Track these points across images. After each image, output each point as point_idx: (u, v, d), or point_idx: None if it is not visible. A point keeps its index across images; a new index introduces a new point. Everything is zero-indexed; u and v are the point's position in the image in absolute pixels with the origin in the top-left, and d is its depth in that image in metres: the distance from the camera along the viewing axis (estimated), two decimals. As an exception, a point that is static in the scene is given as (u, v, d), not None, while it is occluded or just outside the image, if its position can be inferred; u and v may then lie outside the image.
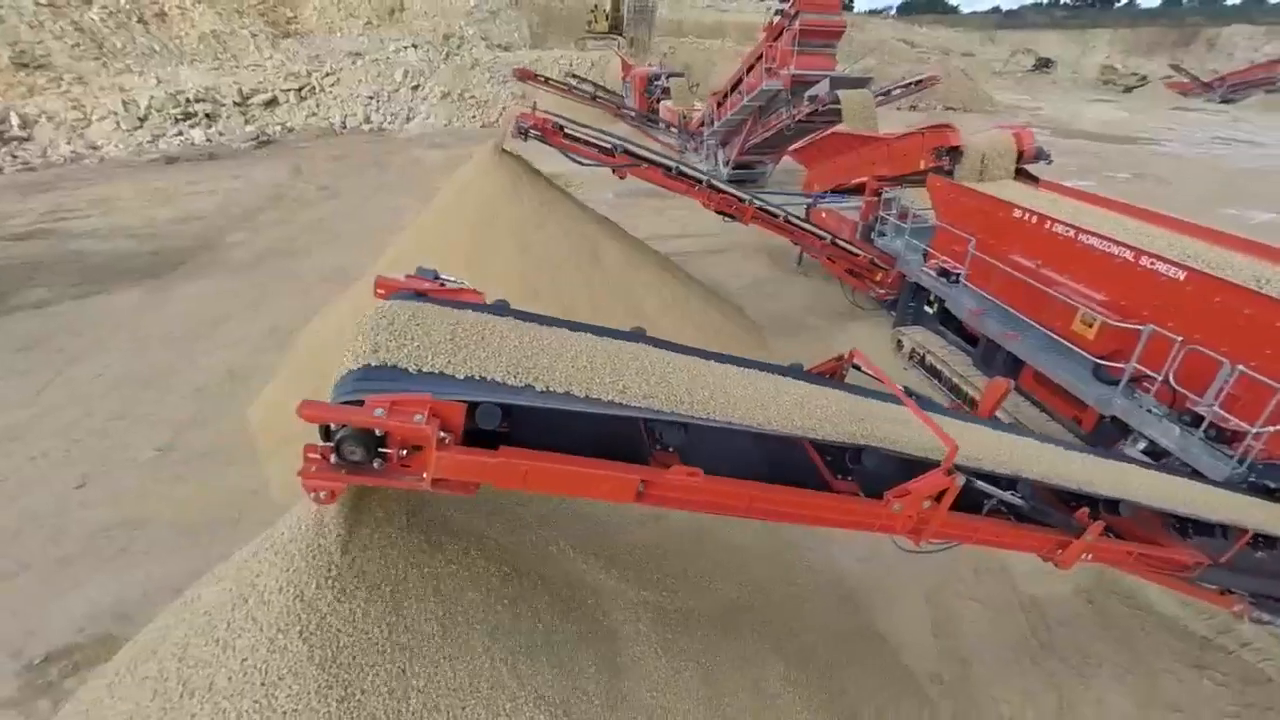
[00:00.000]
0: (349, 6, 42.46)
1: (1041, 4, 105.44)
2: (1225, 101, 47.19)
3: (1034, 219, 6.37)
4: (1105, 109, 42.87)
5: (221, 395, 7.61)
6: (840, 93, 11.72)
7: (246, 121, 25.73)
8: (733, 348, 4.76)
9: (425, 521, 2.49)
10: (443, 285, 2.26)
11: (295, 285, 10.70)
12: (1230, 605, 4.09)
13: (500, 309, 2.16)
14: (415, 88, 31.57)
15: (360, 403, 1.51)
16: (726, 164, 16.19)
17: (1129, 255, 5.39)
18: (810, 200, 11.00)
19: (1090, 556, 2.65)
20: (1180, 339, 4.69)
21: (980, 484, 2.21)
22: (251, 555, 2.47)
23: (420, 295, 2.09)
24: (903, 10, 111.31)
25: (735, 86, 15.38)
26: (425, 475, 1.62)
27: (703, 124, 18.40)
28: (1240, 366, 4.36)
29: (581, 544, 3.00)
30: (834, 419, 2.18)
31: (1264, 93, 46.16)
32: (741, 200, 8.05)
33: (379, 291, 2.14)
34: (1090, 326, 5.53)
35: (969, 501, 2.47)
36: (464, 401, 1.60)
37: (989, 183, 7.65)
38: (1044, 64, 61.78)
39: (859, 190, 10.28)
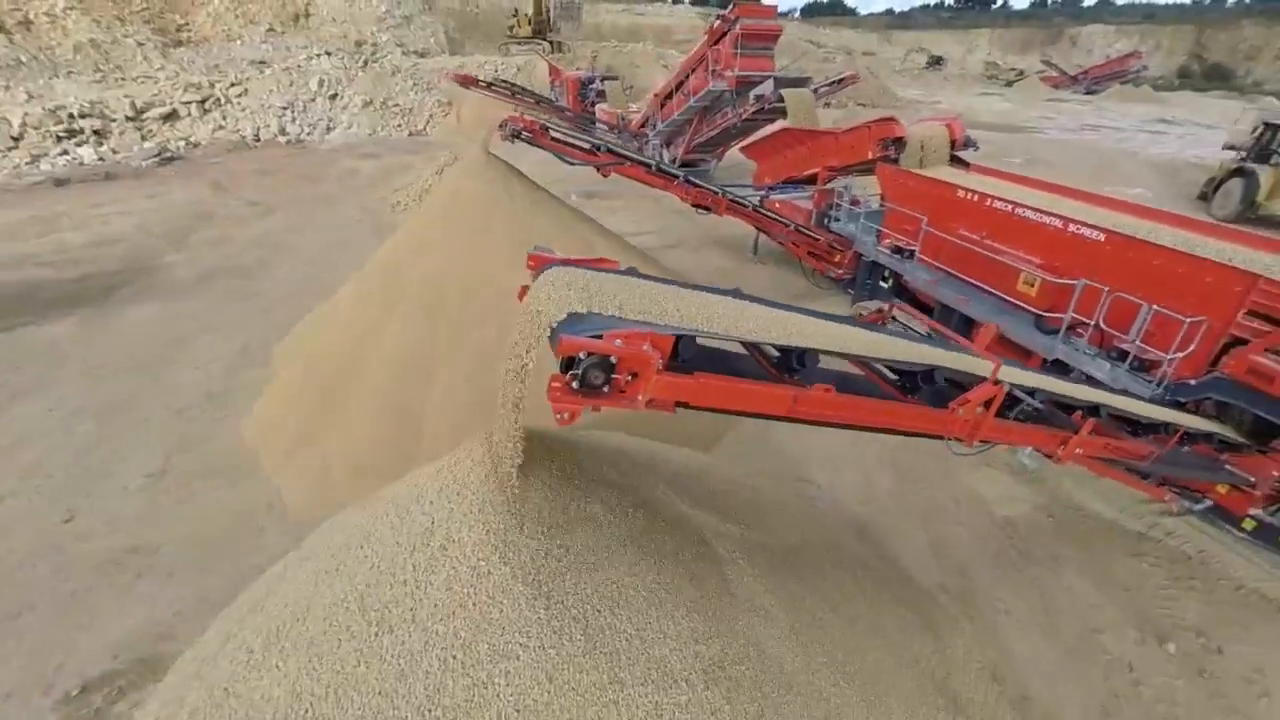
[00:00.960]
0: (248, 13, 40.10)
1: (929, 6, 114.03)
2: (1089, 92, 53.01)
3: (975, 197, 7.33)
4: (993, 101, 47.16)
5: (204, 418, 7.35)
6: (784, 91, 12.61)
7: (143, 137, 23.93)
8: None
9: (564, 465, 2.84)
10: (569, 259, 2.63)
11: (256, 303, 10.33)
12: (1163, 496, 5.05)
13: (634, 272, 2.54)
14: (333, 97, 30.31)
15: (598, 338, 1.86)
16: (673, 162, 16.85)
17: (1059, 224, 6.38)
18: (763, 192, 11.77)
19: (1081, 451, 3.35)
20: (1106, 289, 5.66)
21: (1017, 391, 2.82)
22: (405, 512, 2.74)
23: (568, 264, 2.43)
24: (806, 12, 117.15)
25: (677, 88, 16.07)
26: (640, 397, 1.98)
27: (644, 124, 18.99)
28: (1155, 307, 5.34)
29: (674, 488, 3.42)
30: (903, 351, 2.71)
31: (1119, 84, 52.31)
32: (716, 194, 8.65)
33: (530, 264, 2.47)
34: (1032, 286, 6.49)
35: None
36: (671, 335, 1.98)
37: (929, 168, 8.64)
38: (936, 61, 67.01)
39: (807, 182, 11.19)
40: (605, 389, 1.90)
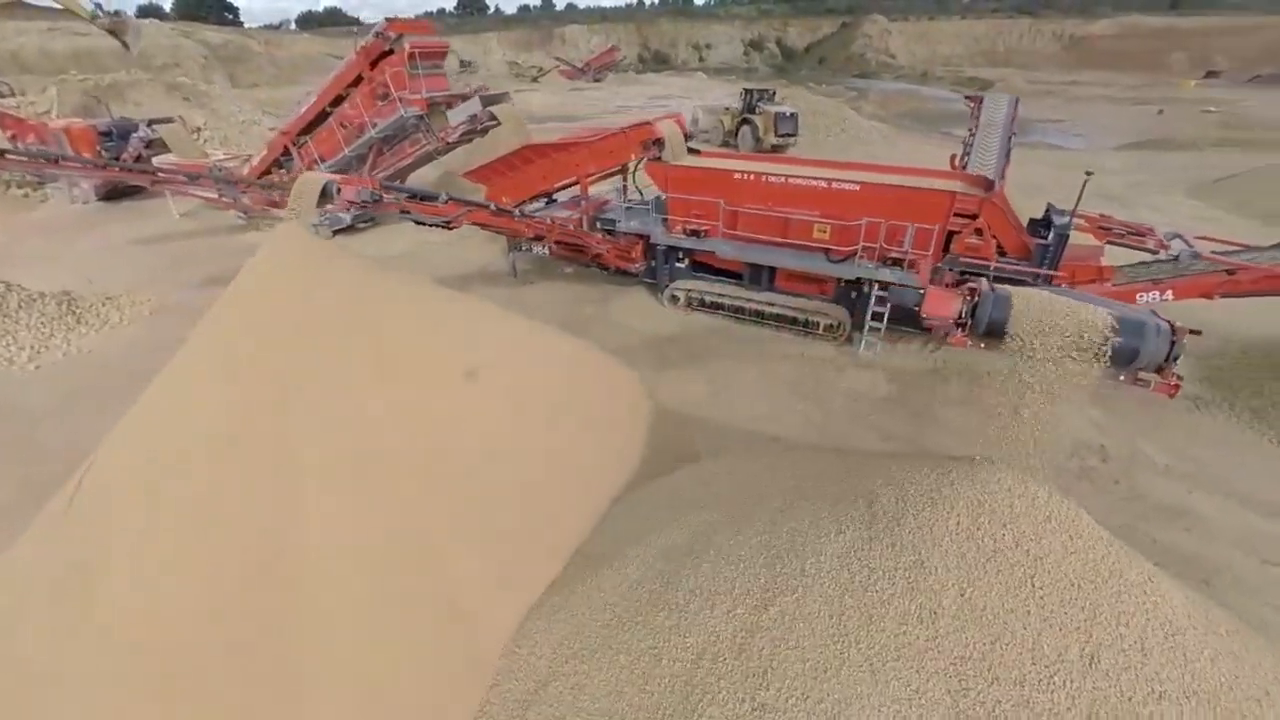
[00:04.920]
0: None
1: (432, 13, 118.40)
2: (596, 80, 65.19)
3: (751, 177, 9.17)
4: (538, 96, 53.45)
5: None
6: (496, 109, 12.19)
7: None
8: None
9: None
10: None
11: None
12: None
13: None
14: None
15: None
16: (347, 204, 14.44)
17: (824, 185, 8.70)
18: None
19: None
20: (883, 221, 8.19)
21: None
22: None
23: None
24: (303, 23, 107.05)
25: (318, 120, 13.69)
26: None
27: (269, 170, 15.51)
28: (915, 224, 8.07)
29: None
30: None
31: (612, 72, 65.95)
32: (548, 223, 8.29)
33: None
34: (825, 232, 8.75)
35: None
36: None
37: (677, 159, 10.14)
38: (466, 65, 71.33)
39: (545, 195, 11.60)
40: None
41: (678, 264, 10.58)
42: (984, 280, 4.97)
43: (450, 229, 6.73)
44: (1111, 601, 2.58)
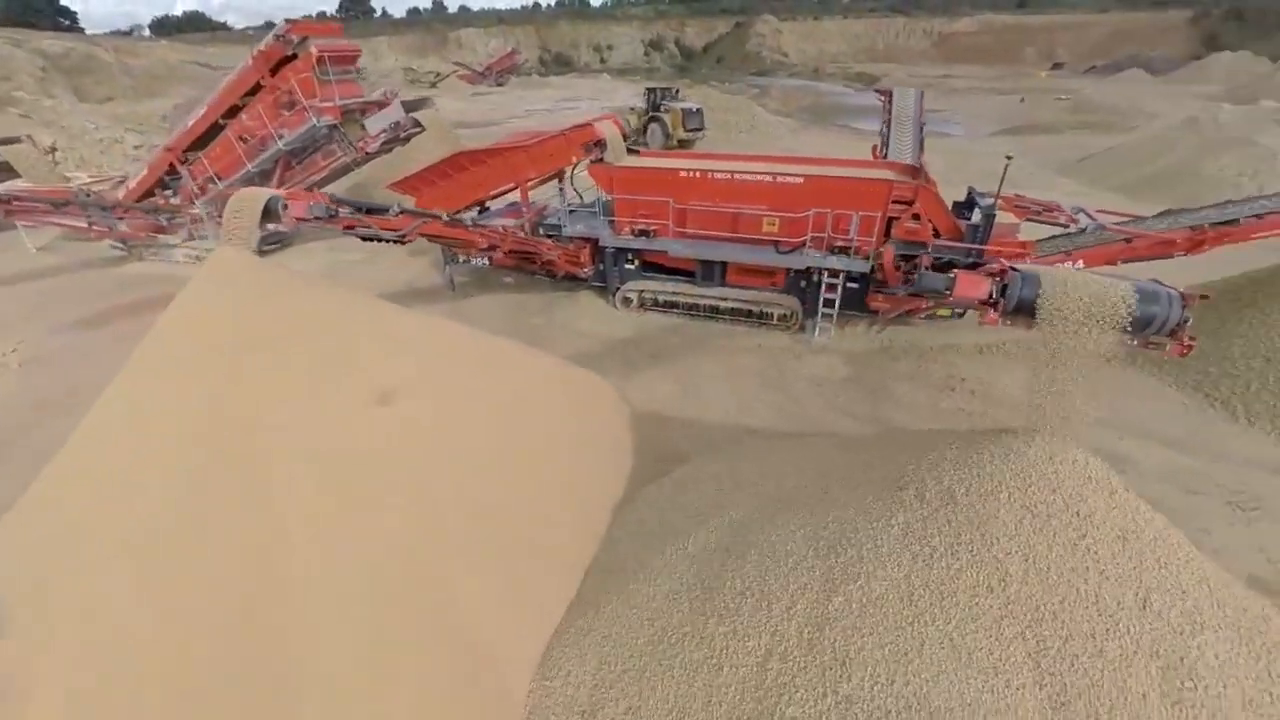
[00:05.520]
0: None
1: (311, 15, 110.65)
2: (499, 84, 63.65)
3: (698, 174, 9.25)
4: (444, 102, 51.52)
5: None
6: (419, 115, 11.47)
7: None
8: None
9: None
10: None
11: None
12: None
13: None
14: None
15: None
16: (252, 224, 13.17)
17: (769, 179, 8.92)
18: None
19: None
20: (829, 211, 8.53)
21: None
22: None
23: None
24: (158, 29, 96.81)
25: (209, 133, 12.42)
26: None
27: (151, 192, 13.90)
28: (859, 213, 8.46)
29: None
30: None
31: (516, 75, 64.69)
32: (501, 232, 7.92)
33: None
34: (774, 225, 8.98)
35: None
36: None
37: (619, 160, 10.07)
38: (356, 71, 67.39)
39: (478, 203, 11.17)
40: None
41: (627, 265, 10.52)
42: (1003, 261, 5.32)
43: (404, 243, 6.28)
44: (1151, 548, 2.83)
